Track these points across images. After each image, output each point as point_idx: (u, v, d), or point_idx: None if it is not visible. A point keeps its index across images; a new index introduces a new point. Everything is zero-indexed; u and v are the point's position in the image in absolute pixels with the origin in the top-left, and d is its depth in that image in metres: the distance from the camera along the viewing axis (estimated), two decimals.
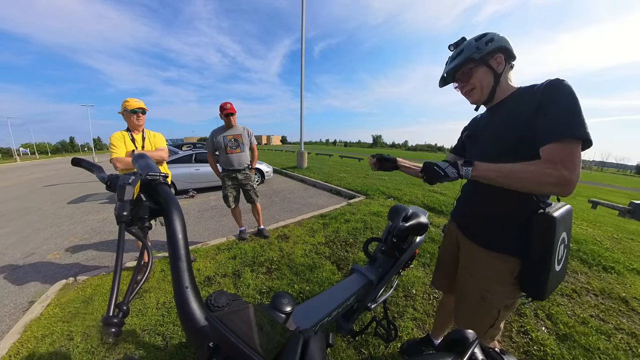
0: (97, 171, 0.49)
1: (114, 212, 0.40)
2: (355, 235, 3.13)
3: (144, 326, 1.67)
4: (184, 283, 0.36)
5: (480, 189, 0.91)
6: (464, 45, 0.88)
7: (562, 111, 0.70)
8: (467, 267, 1.02)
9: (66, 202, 5.65)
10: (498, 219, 0.91)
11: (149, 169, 0.49)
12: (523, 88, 0.85)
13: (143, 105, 2.04)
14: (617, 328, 1.71)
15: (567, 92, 0.70)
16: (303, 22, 9.60)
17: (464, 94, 0.96)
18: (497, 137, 0.87)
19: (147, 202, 0.46)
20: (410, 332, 1.63)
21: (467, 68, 0.88)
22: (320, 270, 2.31)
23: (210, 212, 4.58)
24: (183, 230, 0.41)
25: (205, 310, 0.35)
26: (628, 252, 2.92)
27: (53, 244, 3.30)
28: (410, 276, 2.21)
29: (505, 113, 0.86)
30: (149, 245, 0.41)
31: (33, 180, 10.16)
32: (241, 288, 2.08)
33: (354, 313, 1.11)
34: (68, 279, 2.25)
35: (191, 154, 6.24)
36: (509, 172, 0.73)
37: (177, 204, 0.44)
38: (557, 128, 0.69)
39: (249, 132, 2.90)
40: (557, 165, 0.66)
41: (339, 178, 7.36)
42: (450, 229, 1.16)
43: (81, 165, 0.52)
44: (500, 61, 0.84)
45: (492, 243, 0.92)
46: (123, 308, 0.32)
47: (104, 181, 0.46)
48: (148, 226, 0.45)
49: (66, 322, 1.72)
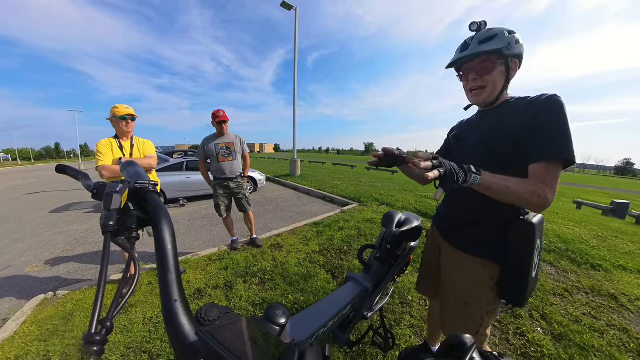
0: (83, 179, 0.47)
1: (100, 221, 0.38)
2: (349, 243, 3.11)
3: (129, 343, 1.57)
4: (173, 296, 0.34)
5: (461, 194, 0.91)
6: (498, 32, 0.77)
7: (557, 132, 0.71)
8: (448, 271, 1.02)
9: (48, 211, 5.39)
10: (478, 224, 0.91)
11: (137, 177, 0.48)
12: (518, 98, 0.83)
13: (132, 112, 2.00)
14: (609, 325, 1.75)
15: (563, 113, 0.71)
16: (296, 34, 9.82)
17: (469, 89, 0.85)
18: (485, 143, 0.86)
19: (135, 211, 0.44)
20: (408, 339, 1.61)
21: (491, 61, 0.78)
22: (314, 280, 2.27)
23: (201, 221, 4.46)
24: (172, 241, 0.40)
25: (195, 324, 0.34)
26: (613, 250, 3.03)
27: (32, 255, 3.11)
28: (406, 282, 2.19)
29: (495, 119, 0.85)
30: (135, 256, 0.40)
31: (13, 187, 9.69)
32: (233, 300, 2.00)
33: (351, 323, 1.09)
34: (47, 294, 2.11)
35: (182, 161, 6.13)
36: (504, 186, 0.71)
37: (167, 213, 0.43)
38: (550, 148, 0.71)
39: (242, 140, 2.88)
40: (546, 187, 0.69)
41: (332, 185, 7.37)
42: (432, 234, 1.17)
43: (66, 172, 0.49)
44: (515, 67, 0.80)
45: (471, 247, 0.92)
46: (106, 324, 0.31)
47: (90, 189, 0.44)
48: (135, 236, 0.43)
49: (43, 341, 1.60)
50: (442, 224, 1.09)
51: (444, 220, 1.08)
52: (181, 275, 2.45)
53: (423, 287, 1.29)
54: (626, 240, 3.46)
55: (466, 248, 0.93)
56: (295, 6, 9.37)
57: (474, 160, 0.87)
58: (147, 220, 0.44)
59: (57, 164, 0.53)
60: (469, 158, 0.91)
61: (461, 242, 0.95)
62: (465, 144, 0.97)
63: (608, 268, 2.51)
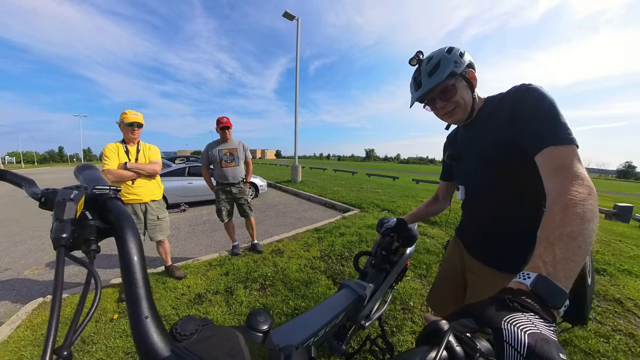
0: (26, 185, 0.41)
1: (50, 234, 0.33)
2: (350, 249, 3.09)
3: (128, 349, 1.56)
4: (143, 313, 0.31)
5: (486, 204, 0.85)
6: (439, 57, 0.77)
7: (540, 124, 0.64)
8: (476, 292, 0.91)
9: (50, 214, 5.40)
10: (510, 236, 0.80)
11: (95, 182, 0.43)
12: (490, 97, 0.82)
13: (140, 120, 2.05)
14: (614, 329, 1.72)
15: (541, 100, 0.66)
16: (298, 43, 10.05)
17: (442, 115, 0.84)
18: (480, 154, 0.82)
19: (94, 220, 0.39)
20: (410, 346, 1.58)
21: (450, 84, 0.77)
22: (315, 286, 2.25)
23: (202, 226, 4.46)
24: (139, 252, 0.36)
25: (170, 341, 0.31)
26: (618, 254, 3.01)
27: (32, 258, 3.11)
28: (408, 288, 2.17)
29: (480, 127, 0.82)
30: (96, 272, 0.35)
31: (16, 189, 9.74)
32: (233, 306, 1.99)
33: (347, 332, 1.06)
34: (45, 297, 2.11)
35: (185, 167, 6.17)
36: (582, 241, 0.45)
37: (132, 221, 0.39)
38: (543, 140, 0.62)
39: (244, 146, 2.92)
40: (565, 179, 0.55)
41: (333, 191, 7.38)
42: (453, 247, 1.07)
43: (4, 178, 0.42)
44: (473, 75, 0.79)
45: (504, 264, 0.81)
46: (63, 354, 0.26)
47: (36, 197, 0.38)
48: (95, 249, 0.38)
49: (37, 346, 1.59)
50: (466, 238, 0.99)
51: (469, 234, 0.98)
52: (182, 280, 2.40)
53: (434, 300, 1.18)
54: (631, 244, 3.44)
55: (499, 266, 0.82)
56: (297, 16, 9.62)
57: (478, 178, 0.85)
58: (109, 230, 0.40)
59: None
60: (472, 177, 0.88)
61: (493, 259, 0.85)
62: (463, 163, 0.93)
63: (613, 272, 2.49)
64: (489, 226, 0.86)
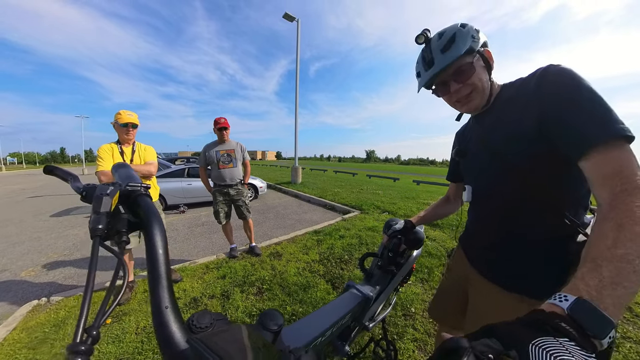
0: (72, 180, 0.46)
1: (88, 225, 0.37)
2: (350, 252, 3.04)
3: (120, 355, 1.52)
4: (164, 303, 0.33)
5: (496, 208, 0.74)
6: (453, 31, 0.65)
7: (583, 114, 0.52)
8: (476, 310, 0.83)
9: (49, 215, 5.41)
10: (522, 249, 0.70)
11: (129, 179, 0.47)
12: (507, 84, 0.71)
13: (135, 120, 2.01)
14: (624, 337, 1.66)
15: (575, 82, 0.54)
16: (298, 45, 10.06)
17: (457, 100, 0.71)
18: (494, 150, 0.71)
19: (126, 214, 0.43)
20: (412, 354, 1.53)
21: (467, 62, 0.64)
22: (314, 290, 2.20)
23: (200, 228, 4.43)
24: (164, 246, 0.39)
25: (186, 332, 0.33)
26: None
27: (29, 260, 3.09)
28: (409, 293, 2.12)
29: (496, 117, 0.71)
30: (125, 262, 0.38)
31: (17, 190, 9.77)
32: (230, 310, 1.94)
33: (351, 333, 1.05)
34: (40, 300, 2.07)
35: (184, 168, 6.16)
36: (629, 269, 0.37)
37: (159, 217, 0.42)
38: (589, 135, 0.50)
39: (242, 147, 2.88)
40: (619, 180, 0.46)
41: (333, 193, 7.33)
42: (457, 257, 0.99)
43: (55, 173, 0.48)
44: (490, 55, 0.67)
45: (511, 283, 0.71)
46: (92, 333, 0.29)
47: (79, 191, 0.43)
48: (126, 240, 0.42)
49: (32, 349, 1.56)
50: (470, 247, 0.90)
51: (473, 243, 0.89)
52: (178, 283, 2.38)
53: (436, 311, 1.12)
54: None
55: (505, 285, 0.73)
56: (297, 18, 9.62)
57: (489, 177, 0.74)
58: (138, 224, 0.43)
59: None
60: (482, 176, 0.78)
61: (498, 277, 0.75)
62: (472, 159, 0.82)
63: None
64: (497, 235, 0.75)
